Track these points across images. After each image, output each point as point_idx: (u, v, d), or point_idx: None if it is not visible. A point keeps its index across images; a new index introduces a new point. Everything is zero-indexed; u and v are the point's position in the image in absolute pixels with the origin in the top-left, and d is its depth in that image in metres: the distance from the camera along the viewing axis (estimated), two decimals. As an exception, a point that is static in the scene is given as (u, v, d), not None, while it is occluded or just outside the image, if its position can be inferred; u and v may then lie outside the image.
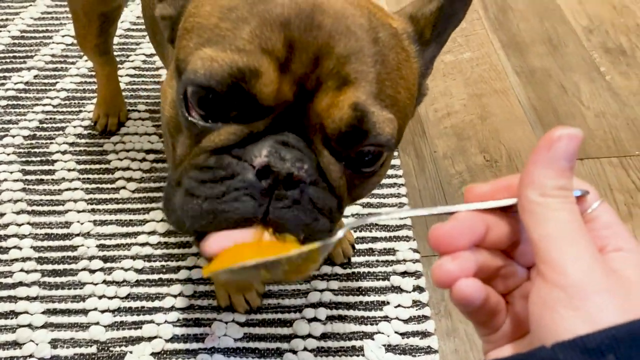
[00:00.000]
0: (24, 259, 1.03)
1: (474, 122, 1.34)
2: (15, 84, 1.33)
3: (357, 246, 1.07)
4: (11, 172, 1.16)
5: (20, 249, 1.05)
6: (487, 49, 1.53)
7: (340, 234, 0.40)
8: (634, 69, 1.49)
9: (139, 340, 0.94)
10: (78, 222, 1.09)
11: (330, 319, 0.97)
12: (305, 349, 0.94)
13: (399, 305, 0.99)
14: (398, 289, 1.02)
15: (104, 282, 1.01)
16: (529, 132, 1.33)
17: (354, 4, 0.46)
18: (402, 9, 0.52)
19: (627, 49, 1.55)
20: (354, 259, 1.06)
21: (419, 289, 1.02)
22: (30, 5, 1.52)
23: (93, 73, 1.29)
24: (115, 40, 1.19)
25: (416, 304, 1.00)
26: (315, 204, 0.44)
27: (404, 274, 1.04)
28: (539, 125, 1.34)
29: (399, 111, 0.47)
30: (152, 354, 0.92)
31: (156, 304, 0.99)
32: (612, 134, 1.34)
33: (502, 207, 0.36)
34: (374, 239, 1.09)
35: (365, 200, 1.13)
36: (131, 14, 1.51)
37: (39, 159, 1.19)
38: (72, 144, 1.22)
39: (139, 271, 1.03)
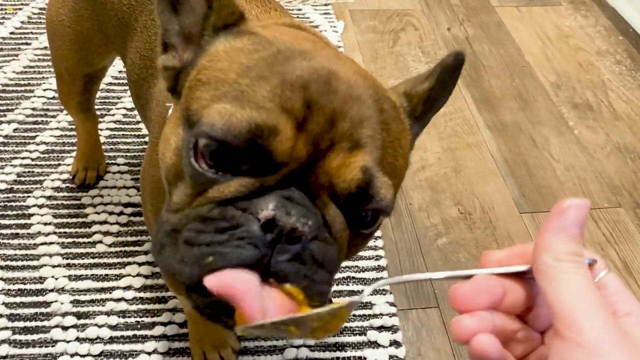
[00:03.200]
0: (-5, 316, 1.02)
1: (448, 175, 1.37)
2: (-5, 137, 1.33)
3: (335, 300, 1.08)
4: (-14, 226, 1.15)
5: (-9, 305, 1.03)
6: (460, 104, 1.58)
7: (367, 291, 0.42)
8: (600, 124, 1.56)
9: (111, 400, 0.92)
10: (52, 277, 1.08)
11: (307, 375, 0.97)
12: (281, 407, 0.92)
13: (375, 361, 0.99)
14: (375, 344, 1.02)
15: (77, 339, 0.99)
16: (501, 184, 1.36)
17: (362, 75, 0.49)
18: (395, 86, 0.56)
19: (593, 104, 1.62)
20: (330, 313, 1.05)
21: (395, 343, 1.02)
22: (13, 59, 1.55)
23: (73, 126, 1.30)
24: (97, 94, 1.21)
25: (393, 359, 1.00)
26: (315, 258, 0.45)
27: (380, 328, 1.04)
28: (511, 177, 1.38)
29: (395, 178, 0.49)
30: (124, 414, 0.90)
31: (130, 361, 0.97)
32: (581, 187, 1.38)
33: (517, 272, 0.38)
34: (351, 293, 1.09)
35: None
36: (113, 69, 1.53)
37: (15, 212, 1.19)
38: (49, 198, 1.22)
39: (113, 327, 1.01)
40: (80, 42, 0.95)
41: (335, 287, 1.09)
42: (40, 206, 1.20)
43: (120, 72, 1.54)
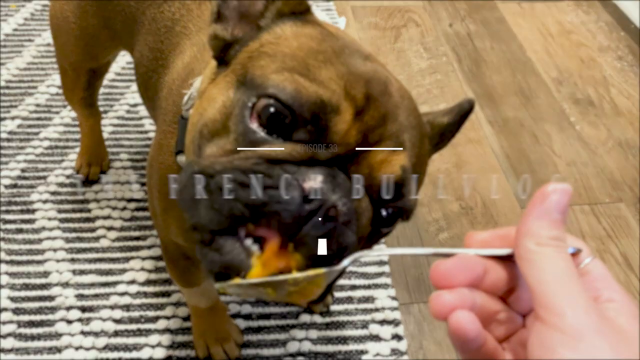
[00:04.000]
0: None
1: (450, 171, 1.38)
2: (-1, 133, 1.34)
3: (336, 294, 1.08)
4: (-9, 221, 1.16)
5: (-4, 299, 1.04)
6: (462, 99, 1.58)
7: (345, 262, 0.43)
8: (601, 119, 1.56)
9: (115, 392, 0.93)
10: (57, 271, 1.09)
11: (309, 368, 0.97)
12: (283, 399, 0.93)
13: (377, 354, 1.00)
14: (377, 338, 1.02)
15: (82, 332, 1.00)
16: (502, 180, 1.37)
17: (406, 89, 0.52)
18: None
19: (594, 100, 1.62)
20: (333, 307, 1.06)
21: (397, 337, 1.03)
22: (17, 56, 1.55)
23: (77, 122, 1.31)
24: (100, 90, 1.21)
25: (394, 352, 1.01)
26: (339, 242, 0.45)
27: (382, 322, 1.05)
28: (512, 173, 1.38)
29: (418, 185, 0.52)
30: (129, 407, 0.91)
31: (134, 355, 0.98)
32: (583, 182, 1.38)
33: (499, 255, 0.39)
34: (353, 287, 1.10)
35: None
36: (116, 65, 1.54)
37: (19, 208, 1.19)
38: (53, 193, 1.23)
39: (118, 321, 1.02)
40: (85, 38, 0.95)
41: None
42: (44, 201, 1.21)
43: (123, 68, 1.55)
